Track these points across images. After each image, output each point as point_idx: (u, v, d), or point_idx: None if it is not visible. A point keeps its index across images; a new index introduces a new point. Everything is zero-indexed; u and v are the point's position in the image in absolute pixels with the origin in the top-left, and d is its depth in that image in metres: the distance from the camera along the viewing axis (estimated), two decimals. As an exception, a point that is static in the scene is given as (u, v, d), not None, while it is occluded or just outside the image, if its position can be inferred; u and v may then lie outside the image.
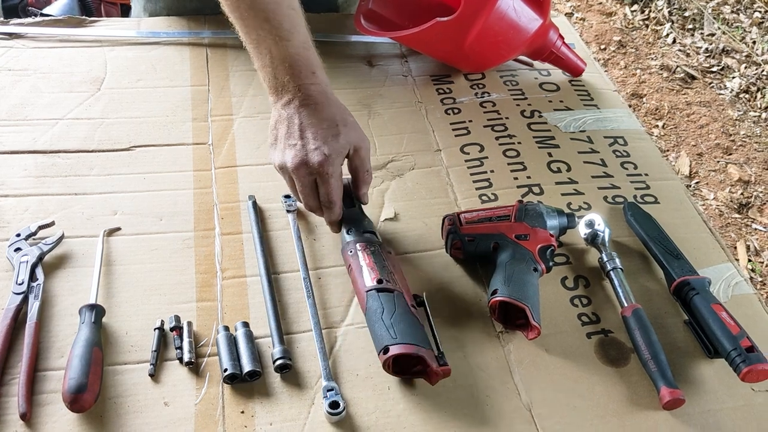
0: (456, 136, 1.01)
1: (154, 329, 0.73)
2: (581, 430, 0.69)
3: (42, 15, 1.60)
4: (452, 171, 0.95)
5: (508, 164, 0.96)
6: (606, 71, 2.56)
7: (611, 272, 0.81)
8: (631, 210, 0.89)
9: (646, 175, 0.97)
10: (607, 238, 0.84)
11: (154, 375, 0.70)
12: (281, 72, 0.79)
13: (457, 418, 0.69)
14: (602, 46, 2.67)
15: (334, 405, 0.68)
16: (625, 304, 0.78)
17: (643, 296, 0.81)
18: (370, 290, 0.74)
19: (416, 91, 1.08)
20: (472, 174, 0.95)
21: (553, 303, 0.80)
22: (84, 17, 1.13)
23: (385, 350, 0.69)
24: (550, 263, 0.80)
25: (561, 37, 1.08)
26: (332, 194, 0.78)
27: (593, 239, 0.84)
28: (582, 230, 0.86)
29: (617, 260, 0.82)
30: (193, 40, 1.11)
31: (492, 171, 0.95)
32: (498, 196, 0.92)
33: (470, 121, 1.03)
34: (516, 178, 0.94)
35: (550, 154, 0.98)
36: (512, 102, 1.07)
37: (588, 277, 0.83)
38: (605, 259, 0.82)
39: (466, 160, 0.97)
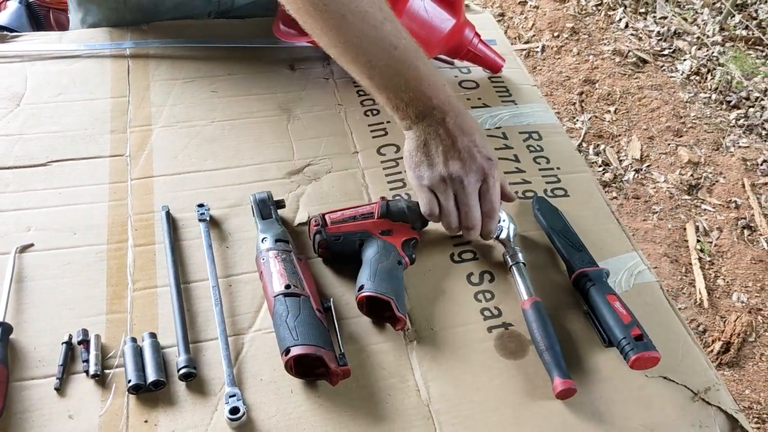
0: (374, 137, 1.02)
1: (62, 343, 0.75)
2: (477, 423, 0.72)
3: (-11, 24, 1.59)
4: (368, 173, 0.97)
5: (423, 163, 0.98)
6: (558, 59, 2.59)
7: (513, 267, 0.83)
8: (538, 204, 0.92)
9: (558, 168, 0.99)
10: (512, 234, 0.87)
11: (60, 389, 0.72)
12: (422, 93, 0.82)
13: (356, 418, 0.72)
14: (555, 34, 2.69)
15: (234, 411, 0.70)
16: (525, 298, 0.80)
17: (545, 289, 0.83)
18: (278, 295, 0.77)
19: (337, 93, 1.09)
20: (387, 175, 0.97)
21: (457, 299, 0.82)
22: (6, 33, 1.14)
23: (287, 351, 0.72)
24: (413, 255, 0.83)
25: (477, 35, 1.09)
26: (497, 200, 0.83)
27: (498, 235, 0.87)
28: (488, 227, 0.88)
29: (520, 255, 0.84)
30: (114, 51, 1.11)
31: (406, 171, 0.97)
32: (411, 197, 0.94)
33: (388, 122, 1.04)
34: (430, 177, 0.96)
35: (464, 152, 1.00)
36: (431, 101, 1.08)
37: (493, 272, 0.85)
38: (508, 254, 0.84)
39: (382, 162, 0.99)
